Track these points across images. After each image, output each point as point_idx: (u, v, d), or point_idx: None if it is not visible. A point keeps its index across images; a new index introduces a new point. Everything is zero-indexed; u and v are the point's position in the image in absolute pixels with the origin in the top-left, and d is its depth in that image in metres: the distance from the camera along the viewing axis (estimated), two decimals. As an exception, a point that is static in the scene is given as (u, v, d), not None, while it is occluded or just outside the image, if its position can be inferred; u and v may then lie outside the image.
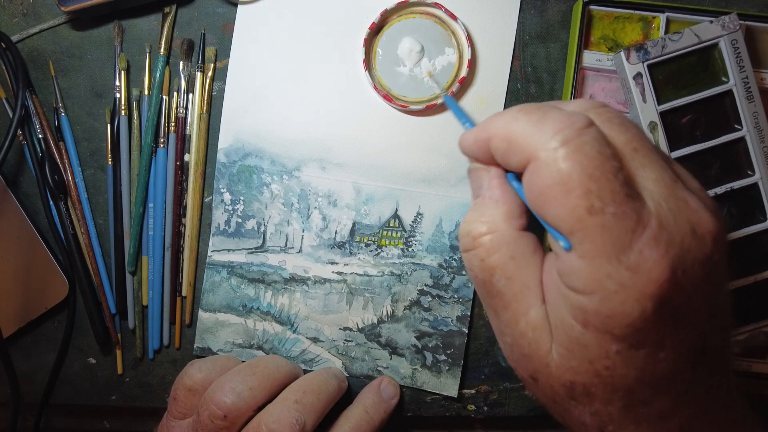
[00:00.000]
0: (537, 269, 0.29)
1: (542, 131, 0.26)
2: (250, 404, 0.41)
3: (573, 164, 0.25)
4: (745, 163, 0.44)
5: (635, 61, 0.43)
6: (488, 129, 0.29)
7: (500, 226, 0.29)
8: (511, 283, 0.29)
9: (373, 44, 0.47)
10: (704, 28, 0.43)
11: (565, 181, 0.25)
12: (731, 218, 0.45)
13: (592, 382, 0.27)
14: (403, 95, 0.47)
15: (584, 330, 0.26)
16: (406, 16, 0.47)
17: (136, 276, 0.50)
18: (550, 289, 0.28)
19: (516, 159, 0.27)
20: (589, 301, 0.25)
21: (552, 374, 0.28)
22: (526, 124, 0.27)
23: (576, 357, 0.27)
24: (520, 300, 0.29)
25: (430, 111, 0.48)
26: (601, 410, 0.28)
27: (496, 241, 0.29)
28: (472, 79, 0.48)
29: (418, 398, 0.51)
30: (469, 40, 0.46)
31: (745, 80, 0.43)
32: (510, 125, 0.27)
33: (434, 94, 0.47)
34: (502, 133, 0.28)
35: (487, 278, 0.29)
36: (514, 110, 0.28)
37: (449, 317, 0.49)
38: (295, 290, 0.49)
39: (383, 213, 0.49)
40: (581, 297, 0.26)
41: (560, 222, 0.26)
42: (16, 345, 0.51)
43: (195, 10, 0.48)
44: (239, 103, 0.48)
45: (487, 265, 0.29)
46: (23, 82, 0.46)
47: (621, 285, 0.25)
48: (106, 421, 0.54)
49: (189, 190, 0.49)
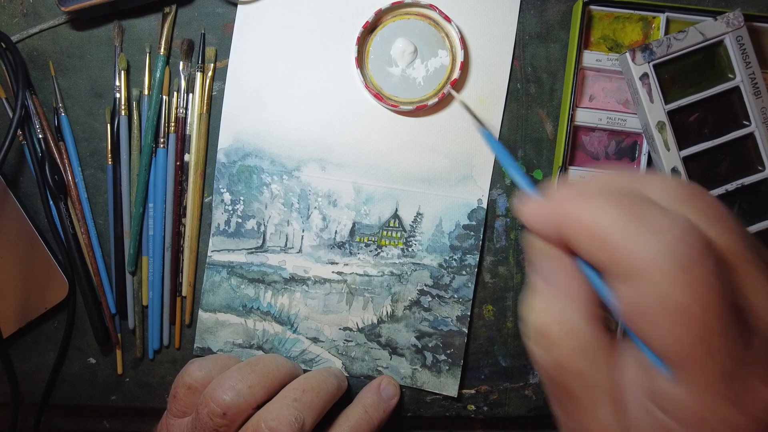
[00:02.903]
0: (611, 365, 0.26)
1: (650, 246, 0.22)
2: (249, 402, 0.41)
3: (692, 297, 0.22)
4: (755, 159, 0.44)
5: (641, 62, 0.43)
6: (568, 212, 0.25)
7: (582, 328, 0.26)
8: (583, 383, 0.26)
9: (366, 43, 0.47)
10: (709, 25, 0.43)
11: (680, 312, 0.22)
12: (743, 214, 0.45)
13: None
14: (394, 95, 0.47)
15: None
16: (400, 17, 0.47)
17: (136, 276, 0.50)
18: (630, 392, 0.25)
19: (608, 263, 0.24)
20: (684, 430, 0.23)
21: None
22: (622, 225, 0.23)
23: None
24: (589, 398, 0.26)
25: (421, 112, 0.48)
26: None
27: (578, 347, 0.26)
28: (464, 81, 0.48)
29: (418, 398, 0.50)
30: (463, 43, 0.46)
31: (751, 76, 0.43)
32: (602, 221, 0.23)
33: (425, 95, 0.47)
34: (589, 228, 0.24)
35: (561, 380, 0.26)
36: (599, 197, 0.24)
37: (449, 317, 0.49)
38: (295, 290, 0.49)
39: (383, 213, 0.49)
40: (674, 424, 0.23)
41: (666, 350, 0.23)
42: (16, 345, 0.51)
43: (195, 10, 0.48)
44: (239, 103, 0.48)
45: (563, 369, 0.26)
46: (23, 82, 0.46)
47: (731, 427, 0.22)
48: (106, 421, 0.54)
49: (189, 190, 0.49)
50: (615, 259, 0.23)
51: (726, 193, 0.44)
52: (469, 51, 0.47)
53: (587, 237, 0.24)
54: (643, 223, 0.23)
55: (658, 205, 0.24)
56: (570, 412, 0.27)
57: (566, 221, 0.25)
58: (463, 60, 0.46)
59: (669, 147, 0.44)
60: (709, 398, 0.22)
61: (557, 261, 0.27)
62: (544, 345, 0.26)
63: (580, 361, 0.26)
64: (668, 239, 0.22)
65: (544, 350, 0.27)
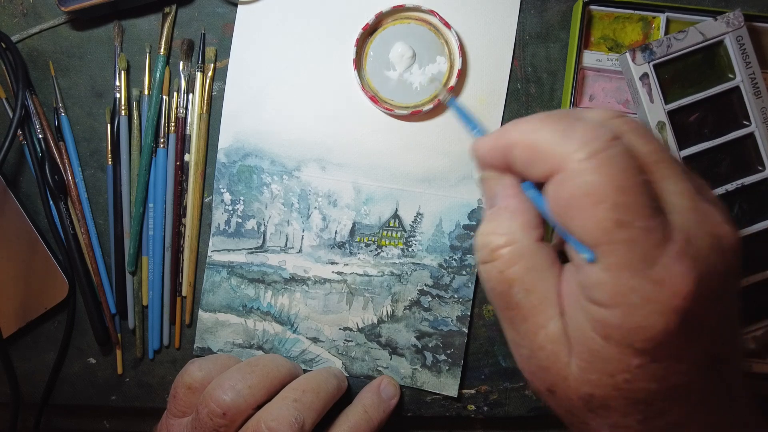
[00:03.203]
0: (555, 281, 0.29)
1: (569, 142, 0.26)
2: (249, 402, 0.41)
3: (602, 176, 0.25)
4: (755, 159, 0.44)
5: (641, 62, 0.43)
6: (509, 136, 0.29)
7: (518, 237, 0.29)
8: (530, 295, 0.28)
9: (365, 45, 0.47)
10: (709, 25, 0.43)
11: (593, 193, 0.25)
12: (743, 214, 0.45)
13: (611, 395, 0.27)
14: (390, 98, 0.47)
15: (605, 343, 0.26)
16: (400, 21, 0.47)
17: (136, 276, 0.50)
18: (570, 301, 0.28)
19: (540, 169, 0.27)
20: (612, 314, 0.25)
21: (570, 387, 0.28)
22: (551, 134, 0.27)
23: (596, 370, 0.27)
24: (538, 312, 0.28)
25: (415, 117, 0.48)
26: (619, 422, 0.28)
27: (516, 253, 0.29)
28: (460, 88, 0.48)
29: (418, 398, 0.50)
30: (461, 51, 0.46)
31: (751, 76, 0.43)
32: (534, 134, 0.27)
33: (421, 101, 0.47)
34: (525, 141, 0.28)
35: (505, 290, 0.29)
36: (536, 119, 0.28)
37: (449, 317, 0.49)
38: (295, 290, 0.49)
39: (383, 213, 0.49)
40: (603, 310, 0.26)
41: (586, 234, 0.25)
42: (16, 345, 0.51)
43: (195, 10, 0.48)
44: (239, 103, 0.48)
45: (505, 277, 0.29)
46: (23, 82, 0.46)
47: (645, 299, 0.25)
48: (106, 421, 0.54)
49: (189, 190, 0.49)
50: (544, 160, 0.27)
51: (726, 193, 0.44)
52: (468, 59, 0.47)
53: (524, 150, 0.28)
54: (565, 130, 0.26)
55: (581, 119, 0.27)
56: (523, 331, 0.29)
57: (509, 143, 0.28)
58: (460, 68, 0.46)
59: (669, 147, 0.44)
60: (625, 274, 0.25)
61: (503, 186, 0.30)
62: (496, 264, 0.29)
63: (529, 276, 0.29)
64: (583, 136, 0.26)
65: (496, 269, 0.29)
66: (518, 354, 0.30)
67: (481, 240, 0.30)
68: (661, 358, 0.26)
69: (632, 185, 0.25)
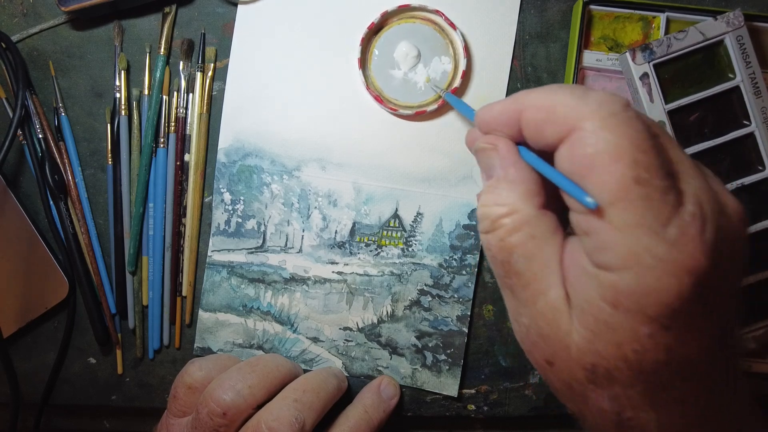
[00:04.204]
0: (557, 249, 0.28)
1: (587, 102, 0.26)
2: (249, 402, 0.41)
3: (622, 134, 0.25)
4: (755, 159, 0.44)
5: (641, 62, 0.43)
6: (522, 100, 0.29)
7: (519, 206, 0.29)
8: (531, 263, 0.28)
9: (370, 44, 0.47)
10: (709, 25, 0.43)
11: (613, 150, 0.25)
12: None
13: (617, 365, 0.26)
14: (394, 98, 0.47)
15: (614, 311, 0.25)
16: (406, 20, 0.47)
17: (136, 276, 0.50)
18: (574, 269, 0.27)
19: (554, 129, 0.27)
20: (622, 278, 0.25)
21: (572, 357, 0.27)
22: (569, 97, 0.27)
23: (602, 340, 0.26)
24: (539, 279, 0.28)
25: (419, 117, 0.48)
26: (621, 394, 0.27)
27: (517, 222, 0.29)
28: (464, 89, 0.48)
29: (418, 398, 0.50)
30: (466, 51, 0.46)
31: (752, 76, 0.43)
32: (551, 97, 0.28)
33: (425, 101, 0.47)
34: (541, 103, 0.28)
35: (506, 258, 0.29)
36: (551, 86, 0.29)
37: (449, 317, 0.49)
38: (295, 290, 0.49)
39: (383, 213, 0.49)
40: (613, 275, 0.25)
41: (602, 191, 0.25)
42: (16, 345, 0.51)
43: (195, 10, 0.48)
44: (239, 103, 0.48)
45: (506, 244, 0.29)
46: (23, 82, 0.46)
47: (659, 259, 0.24)
48: (106, 421, 0.54)
49: (189, 190, 0.49)
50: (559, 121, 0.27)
51: (726, 192, 0.44)
52: (473, 59, 0.47)
53: (538, 112, 0.28)
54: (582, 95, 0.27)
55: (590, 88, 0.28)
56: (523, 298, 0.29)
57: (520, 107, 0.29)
58: (465, 69, 0.46)
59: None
60: (640, 232, 0.25)
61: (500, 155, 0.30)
62: (497, 233, 0.29)
63: (530, 243, 0.29)
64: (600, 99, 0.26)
65: (496, 237, 0.29)
66: (518, 324, 0.30)
67: (483, 211, 0.30)
68: (672, 326, 0.25)
69: (650, 146, 0.25)
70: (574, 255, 0.28)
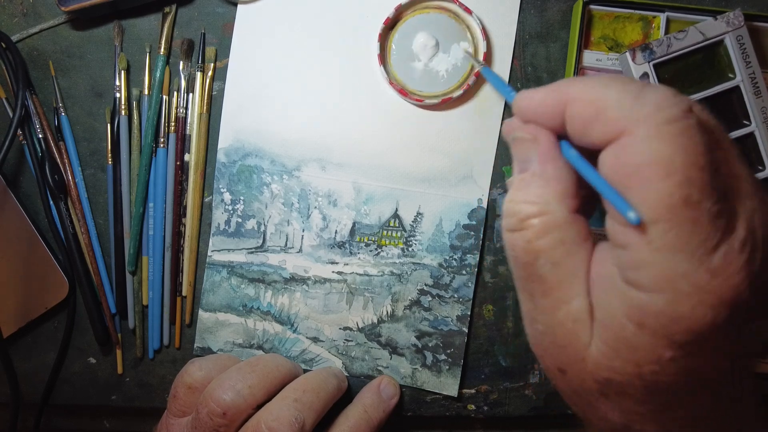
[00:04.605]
0: (586, 257, 0.26)
1: (642, 103, 0.24)
2: (249, 402, 0.41)
3: (677, 146, 0.23)
4: (755, 159, 0.44)
5: (641, 62, 0.43)
6: (568, 90, 0.26)
7: (552, 207, 0.27)
8: (556, 269, 0.26)
9: (387, 39, 0.47)
10: (709, 25, 0.42)
11: (664, 164, 0.22)
12: None
13: (632, 383, 0.25)
14: (418, 90, 0.47)
15: (638, 331, 0.24)
16: (420, 12, 0.47)
17: (136, 276, 0.50)
18: (602, 281, 0.26)
19: (602, 129, 0.25)
20: (653, 300, 0.23)
21: (586, 369, 0.26)
22: (622, 93, 0.24)
23: (620, 357, 0.25)
24: (563, 288, 0.26)
25: (445, 105, 0.48)
26: (632, 409, 0.26)
27: (547, 224, 0.26)
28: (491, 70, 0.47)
29: (418, 398, 0.50)
30: (484, 34, 0.46)
31: (752, 76, 0.43)
32: (603, 91, 0.25)
33: (449, 88, 0.47)
34: (588, 97, 0.25)
35: (531, 261, 0.27)
36: (602, 77, 0.26)
37: (449, 317, 0.49)
38: (295, 290, 0.49)
39: (383, 213, 0.49)
40: (644, 295, 0.23)
41: (646, 207, 0.23)
42: (16, 345, 0.51)
43: (195, 10, 0.48)
44: (239, 103, 0.48)
45: (533, 247, 0.27)
46: (23, 82, 0.46)
47: (697, 287, 0.23)
48: (106, 421, 0.54)
49: (189, 190, 0.49)
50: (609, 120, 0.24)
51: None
52: (492, 42, 0.47)
53: (585, 107, 0.25)
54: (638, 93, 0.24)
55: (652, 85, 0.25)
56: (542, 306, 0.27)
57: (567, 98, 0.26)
58: (486, 51, 0.46)
59: None
60: (679, 256, 0.23)
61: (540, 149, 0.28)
62: (524, 234, 0.27)
63: (558, 249, 0.26)
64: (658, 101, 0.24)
65: (523, 238, 0.27)
66: (532, 328, 0.29)
67: (511, 207, 0.28)
68: (697, 354, 0.24)
69: (707, 163, 0.23)
70: (603, 266, 0.26)
